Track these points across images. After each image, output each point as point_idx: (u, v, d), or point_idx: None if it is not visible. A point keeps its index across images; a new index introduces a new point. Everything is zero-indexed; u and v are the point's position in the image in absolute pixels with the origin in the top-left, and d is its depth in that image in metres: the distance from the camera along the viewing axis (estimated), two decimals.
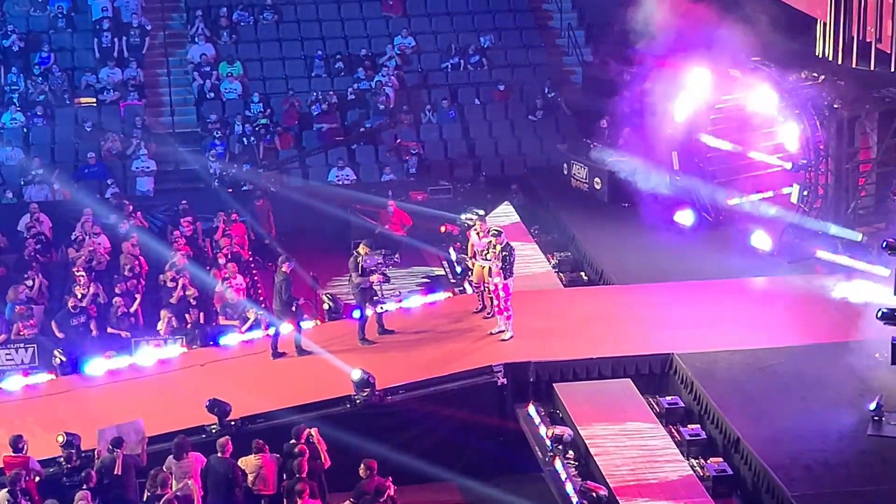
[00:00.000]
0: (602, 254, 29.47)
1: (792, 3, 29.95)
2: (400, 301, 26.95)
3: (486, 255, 25.20)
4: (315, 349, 25.13)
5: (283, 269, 25.16)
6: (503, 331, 25.12)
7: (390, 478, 20.15)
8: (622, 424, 22.43)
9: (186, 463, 20.77)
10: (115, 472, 20.72)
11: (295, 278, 25.76)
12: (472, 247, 26.29)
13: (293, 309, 25.19)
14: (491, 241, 25.08)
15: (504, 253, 24.76)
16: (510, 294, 24.93)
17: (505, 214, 32.60)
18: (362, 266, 25.18)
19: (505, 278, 24.81)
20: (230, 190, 34.19)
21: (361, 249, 25.41)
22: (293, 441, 21.16)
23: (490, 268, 25.14)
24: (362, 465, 20.36)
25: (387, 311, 25.91)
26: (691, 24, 30.45)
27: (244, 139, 36.76)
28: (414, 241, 31.06)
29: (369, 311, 25.45)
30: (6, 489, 19.96)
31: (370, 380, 23.25)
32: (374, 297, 25.54)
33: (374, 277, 25.29)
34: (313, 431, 21.36)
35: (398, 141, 36.76)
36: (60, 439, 21.61)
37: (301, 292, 27.13)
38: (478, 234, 26.04)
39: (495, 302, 25.27)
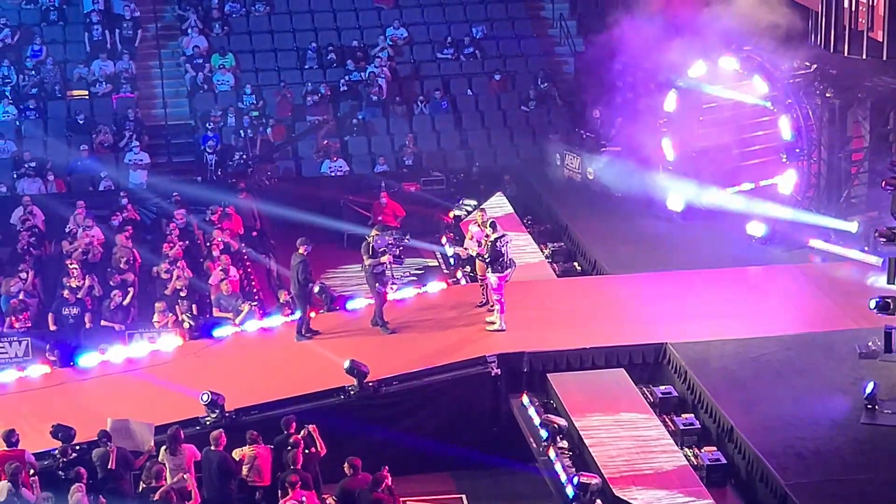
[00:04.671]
0: (595, 244, 29.49)
1: None
2: (396, 290, 26.96)
3: (482, 246, 25.29)
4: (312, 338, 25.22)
5: (300, 251, 25.16)
6: (493, 322, 25.13)
7: (386, 467, 20.14)
8: (616, 415, 22.48)
9: (180, 456, 20.75)
10: (109, 467, 20.73)
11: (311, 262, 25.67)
12: (470, 237, 26.31)
13: (309, 292, 25.19)
14: (485, 231, 25.15)
15: (492, 245, 24.79)
16: (495, 288, 24.95)
17: (498, 205, 32.62)
18: (373, 247, 25.16)
19: (492, 271, 24.85)
20: (233, 180, 34.23)
21: (373, 233, 25.44)
22: (284, 433, 21.18)
23: (478, 253, 25.29)
24: (346, 464, 20.28)
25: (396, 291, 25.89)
26: (683, 13, 30.46)
27: (241, 131, 36.72)
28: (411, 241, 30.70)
29: (390, 295, 25.50)
30: (8, 481, 19.98)
31: (363, 370, 23.25)
32: (385, 279, 25.53)
33: (385, 258, 25.30)
34: (311, 428, 21.32)
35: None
36: (51, 430, 21.61)
37: (290, 285, 27.21)
38: (478, 225, 26.04)
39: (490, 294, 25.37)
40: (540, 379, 24.14)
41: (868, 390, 21.47)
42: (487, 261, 24.92)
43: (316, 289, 27.17)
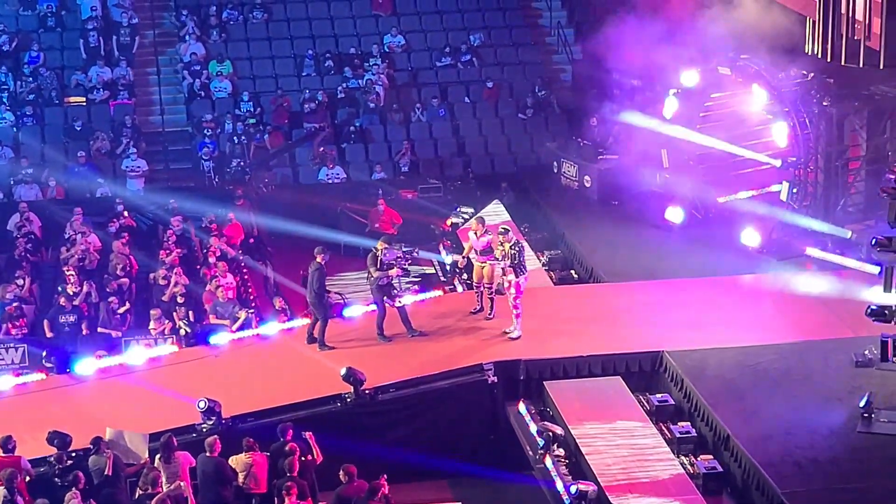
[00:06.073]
0: (592, 252, 29.50)
1: (781, 0, 29.98)
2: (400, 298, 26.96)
3: (495, 254, 25.18)
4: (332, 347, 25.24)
5: (318, 260, 25.18)
6: (512, 329, 25.05)
7: (384, 476, 20.12)
8: (612, 423, 22.46)
9: (174, 464, 20.74)
10: (106, 473, 20.72)
11: (328, 271, 25.70)
12: (469, 247, 26.24)
13: (324, 301, 25.22)
14: (498, 240, 25.04)
15: (513, 251, 24.76)
16: (521, 292, 24.92)
17: (495, 213, 32.61)
18: (381, 260, 25.14)
19: (516, 276, 24.81)
20: (231, 187, 34.23)
21: (380, 245, 25.43)
22: (281, 440, 21.17)
23: (502, 268, 25.14)
24: (342, 471, 20.29)
25: (405, 305, 25.81)
26: (681, 21, 30.48)
27: (235, 137, 36.68)
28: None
29: (387, 306, 25.46)
30: (3, 487, 19.96)
31: (359, 377, 23.23)
32: (393, 292, 25.53)
33: (393, 272, 25.33)
34: (307, 435, 21.31)
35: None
36: (47, 436, 21.58)
37: (287, 292, 27.16)
38: (476, 234, 26.00)
39: (510, 301, 25.18)
40: (536, 386, 24.14)
41: (864, 399, 21.46)
42: (515, 265, 24.78)
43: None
